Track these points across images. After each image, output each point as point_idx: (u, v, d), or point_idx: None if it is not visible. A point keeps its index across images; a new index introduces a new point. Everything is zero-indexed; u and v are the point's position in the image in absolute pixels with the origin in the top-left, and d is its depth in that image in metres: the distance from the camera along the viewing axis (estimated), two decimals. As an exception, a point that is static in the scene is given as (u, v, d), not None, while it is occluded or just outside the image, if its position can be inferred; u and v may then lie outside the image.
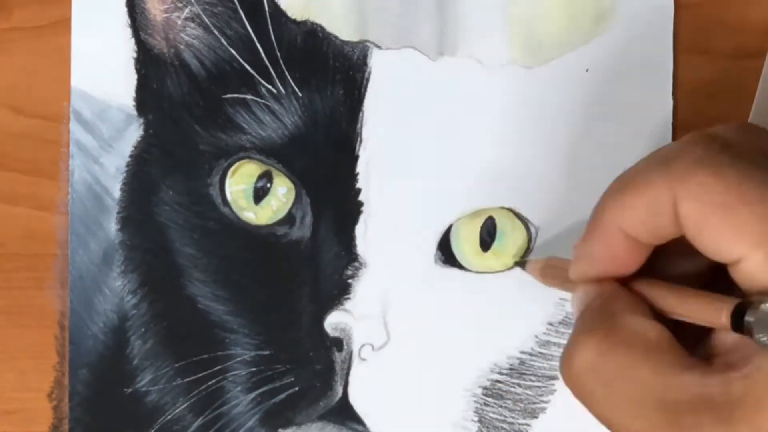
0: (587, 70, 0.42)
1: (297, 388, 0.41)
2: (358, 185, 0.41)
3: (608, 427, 0.31)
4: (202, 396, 0.42)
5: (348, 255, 0.41)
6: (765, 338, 0.29)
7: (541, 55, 0.42)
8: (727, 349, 0.30)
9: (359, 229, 0.41)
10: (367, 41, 0.42)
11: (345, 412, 0.41)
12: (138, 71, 0.42)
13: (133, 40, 0.42)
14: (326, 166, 0.41)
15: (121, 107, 0.42)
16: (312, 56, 0.42)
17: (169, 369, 0.42)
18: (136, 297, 0.42)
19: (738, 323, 0.30)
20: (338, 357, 0.41)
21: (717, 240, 0.30)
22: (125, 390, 0.42)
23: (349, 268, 0.41)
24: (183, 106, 0.42)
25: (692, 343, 0.31)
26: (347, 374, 0.41)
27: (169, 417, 0.42)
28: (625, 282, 0.33)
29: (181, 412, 0.42)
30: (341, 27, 0.42)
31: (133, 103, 0.42)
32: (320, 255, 0.41)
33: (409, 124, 0.42)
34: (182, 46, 0.42)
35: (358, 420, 0.41)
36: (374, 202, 0.41)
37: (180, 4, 0.42)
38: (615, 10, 0.42)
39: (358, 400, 0.41)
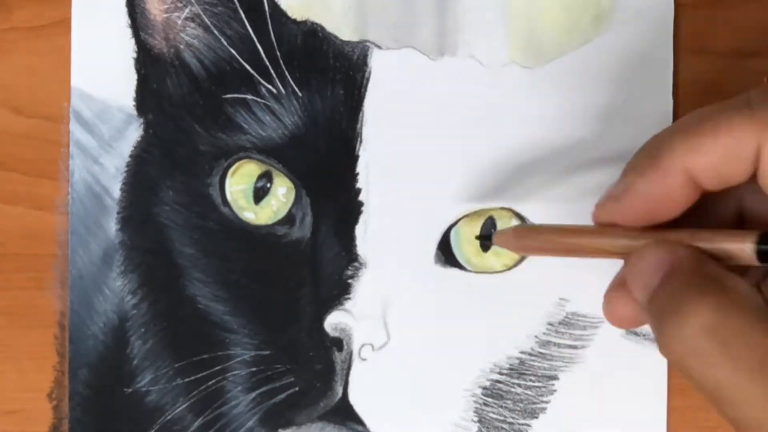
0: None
1: (297, 388, 0.41)
2: (358, 185, 0.41)
3: (716, 392, 0.30)
4: (202, 396, 0.42)
5: (348, 255, 0.41)
6: None
7: (541, 55, 0.42)
8: None
9: (359, 229, 0.41)
10: (367, 41, 0.42)
11: (345, 412, 0.41)
12: (138, 71, 0.42)
13: (133, 40, 0.42)
14: (326, 166, 0.41)
15: (121, 107, 0.42)
16: (312, 56, 0.42)
17: (169, 369, 0.42)
18: (136, 297, 0.42)
19: (764, 254, 0.30)
20: (338, 357, 0.41)
21: None
22: (125, 390, 0.42)
23: (349, 268, 0.41)
24: (183, 106, 0.42)
25: None
26: (347, 374, 0.41)
27: (169, 417, 0.42)
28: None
29: (181, 412, 0.42)
30: (341, 27, 0.42)
31: (133, 103, 0.42)
32: (320, 255, 0.41)
33: (409, 124, 0.42)
34: (182, 46, 0.42)
35: (358, 420, 0.41)
36: (374, 202, 0.41)
37: (180, 4, 0.42)
38: (615, 10, 0.42)
39: (358, 400, 0.41)
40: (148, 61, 0.42)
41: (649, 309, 0.32)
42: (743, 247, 0.31)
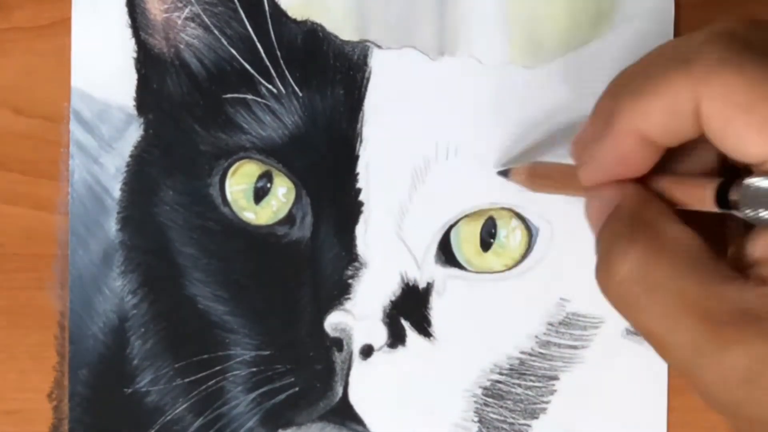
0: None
1: (297, 389, 0.41)
2: (358, 185, 0.41)
3: (648, 336, 0.30)
4: (202, 396, 0.42)
5: (348, 255, 0.41)
6: (751, 212, 0.29)
7: (541, 55, 0.42)
8: (757, 262, 0.30)
9: (359, 229, 0.41)
10: (367, 41, 0.42)
11: (345, 413, 0.41)
12: (138, 71, 0.42)
13: (133, 40, 0.42)
14: (326, 166, 0.41)
15: (121, 107, 0.42)
16: (312, 56, 0.42)
17: (169, 369, 0.42)
18: (136, 297, 0.42)
19: (724, 201, 0.30)
20: (338, 357, 0.41)
21: (742, 140, 0.29)
22: (125, 390, 0.42)
23: (349, 268, 0.41)
24: (183, 106, 0.42)
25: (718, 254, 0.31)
26: (347, 374, 0.41)
27: (169, 417, 0.42)
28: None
29: (181, 412, 0.42)
30: (341, 27, 0.42)
31: (133, 103, 0.42)
32: (320, 255, 0.41)
33: (410, 124, 0.42)
34: (182, 46, 0.42)
35: (358, 420, 0.41)
36: (374, 202, 0.41)
37: (180, 4, 0.42)
38: (615, 10, 0.42)
39: (358, 400, 0.41)
40: (148, 61, 0.42)
41: (595, 248, 0.33)
42: (705, 193, 0.31)
